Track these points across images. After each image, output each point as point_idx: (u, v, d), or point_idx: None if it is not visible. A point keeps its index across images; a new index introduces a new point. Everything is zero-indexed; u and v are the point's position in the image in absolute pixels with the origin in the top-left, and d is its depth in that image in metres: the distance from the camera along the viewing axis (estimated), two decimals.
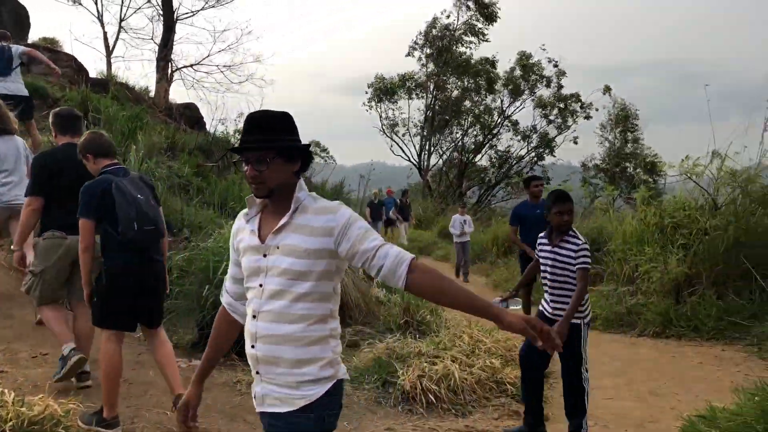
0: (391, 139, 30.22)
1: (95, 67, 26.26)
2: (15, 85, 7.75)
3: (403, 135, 30.08)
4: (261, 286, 2.14)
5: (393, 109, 30.10)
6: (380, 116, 30.08)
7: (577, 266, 4.18)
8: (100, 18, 19.44)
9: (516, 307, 4.35)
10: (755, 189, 8.10)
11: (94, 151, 4.06)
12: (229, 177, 14.10)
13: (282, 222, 2.13)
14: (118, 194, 3.79)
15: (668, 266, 8.14)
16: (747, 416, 3.79)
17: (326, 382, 2.14)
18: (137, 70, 53.55)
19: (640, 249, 8.90)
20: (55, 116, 4.71)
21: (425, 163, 30.39)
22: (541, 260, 4.44)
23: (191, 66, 19.32)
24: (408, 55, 28.73)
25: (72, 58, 15.83)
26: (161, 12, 18.74)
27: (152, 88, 18.71)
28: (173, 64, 18.89)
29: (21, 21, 16.80)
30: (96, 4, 19.19)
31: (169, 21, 18.45)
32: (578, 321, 4.19)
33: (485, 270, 14.41)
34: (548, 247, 4.38)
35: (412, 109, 30.24)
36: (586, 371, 4.29)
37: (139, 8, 19.34)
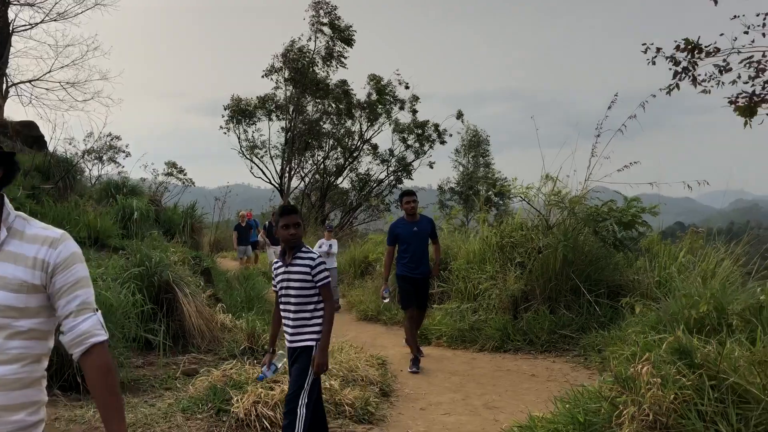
0: (251, 161, 29.77)
1: None
2: None
3: (262, 157, 29.73)
4: None
5: (251, 131, 29.72)
6: (238, 138, 29.57)
7: (318, 283, 3.95)
8: None
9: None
10: (581, 210, 8.75)
11: None
12: (71, 200, 13.28)
13: None
14: None
15: (507, 283, 8.59)
16: (559, 423, 4.05)
17: (37, 427, 1.86)
18: None
19: (482, 267, 9.34)
20: None
21: (286, 186, 30.19)
22: (277, 283, 4.10)
23: (29, 81, 18.03)
24: (264, 76, 28.52)
25: None
26: None
27: None
28: (8, 79, 17.52)
29: None
30: None
31: (4, 33, 17.14)
32: (312, 342, 3.94)
33: (342, 291, 14.51)
34: (282, 268, 4.06)
35: (272, 131, 30.03)
36: (307, 397, 3.84)
37: None
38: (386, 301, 7.93)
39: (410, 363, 7.16)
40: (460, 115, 28.42)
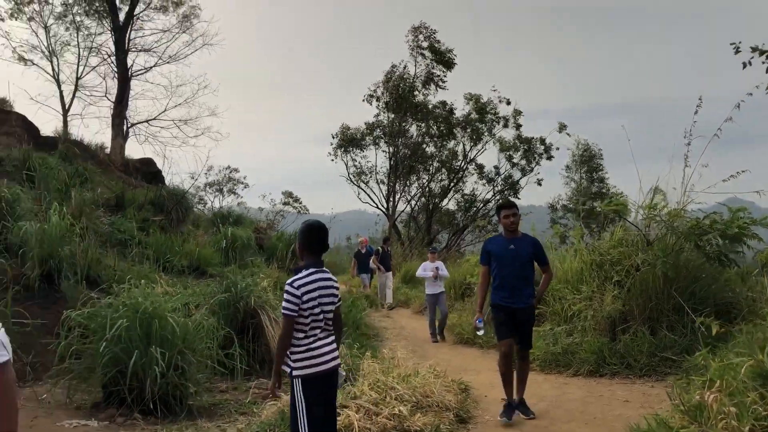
0: (358, 186, 30.30)
1: (53, 126, 26.22)
2: None
3: (368, 182, 30.17)
4: None
5: (359, 158, 30.28)
6: (346, 165, 30.21)
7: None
8: (56, 77, 19.50)
9: None
10: (681, 224, 8.13)
11: None
12: (184, 230, 14.03)
13: None
14: None
15: (604, 303, 8.11)
16: None
17: None
18: (95, 127, 53.76)
19: (577, 287, 8.88)
20: None
21: (393, 209, 30.43)
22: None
23: (146, 121, 19.37)
24: (365, 101, 29.05)
25: (22, 118, 15.79)
26: (116, 69, 18.84)
27: (108, 144, 18.69)
28: (128, 121, 18.91)
29: None
30: (51, 63, 19.28)
31: (124, 78, 18.55)
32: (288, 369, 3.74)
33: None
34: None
35: (378, 156, 30.46)
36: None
37: (95, 67, 19.45)
38: (480, 333, 6.76)
39: (501, 410, 5.97)
40: (562, 128, 27.48)
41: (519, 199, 29.35)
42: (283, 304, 3.68)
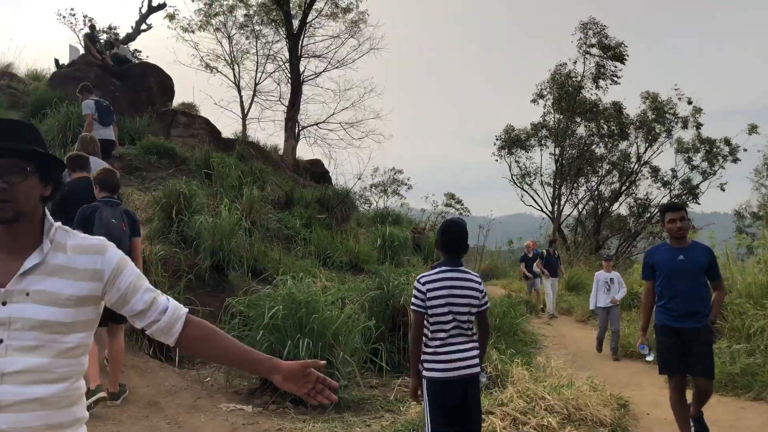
0: (522, 188, 29.64)
1: (233, 129, 28.36)
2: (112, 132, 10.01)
3: (531, 184, 29.40)
4: (1, 342, 1.66)
5: (523, 159, 29.61)
6: (509, 166, 29.69)
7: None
8: (236, 83, 21.07)
9: None
10: None
11: (100, 184, 5.25)
12: (347, 228, 14.50)
13: (34, 262, 1.71)
14: (97, 217, 4.96)
15: None
16: None
17: None
18: (270, 130, 57.25)
19: (761, 303, 7.95)
20: (68, 159, 6.01)
21: (558, 213, 29.39)
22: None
23: (316, 124, 20.31)
24: (533, 101, 28.29)
25: (206, 121, 17.20)
26: (289, 75, 19.96)
27: (281, 146, 19.83)
28: (299, 124, 19.94)
29: (167, 89, 18.58)
30: (233, 70, 20.87)
31: (296, 83, 19.59)
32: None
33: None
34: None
35: (544, 158, 29.59)
36: None
37: (271, 73, 20.78)
38: (649, 359, 5.89)
39: None
40: (753, 129, 24.92)
41: (699, 204, 27.16)
42: (412, 299, 3.67)
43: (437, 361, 3.56)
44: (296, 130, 19.89)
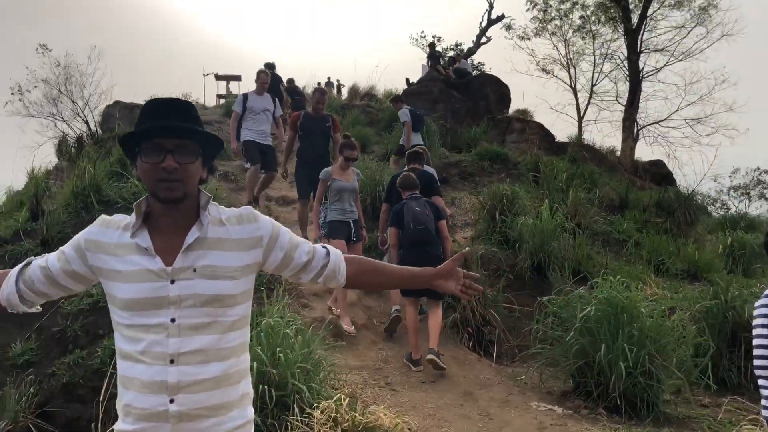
0: None
1: (567, 132, 27.81)
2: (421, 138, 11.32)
3: None
4: (174, 321, 1.68)
5: None
6: None
7: None
8: (572, 86, 20.82)
9: None
10: None
11: (402, 186, 6.39)
12: (691, 233, 13.30)
13: (195, 236, 1.74)
14: (406, 208, 6.10)
15: None
16: None
17: (251, 423, 1.85)
18: (607, 131, 54.50)
19: None
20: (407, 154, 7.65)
21: None
22: None
23: (657, 123, 18.95)
24: None
25: (539, 126, 17.35)
26: (627, 73, 19.01)
27: (618, 147, 18.99)
28: (638, 123, 18.82)
29: (503, 98, 19.23)
30: (569, 73, 20.67)
31: (635, 81, 18.56)
32: None
33: None
34: None
35: None
36: None
37: (609, 73, 20.03)
38: None
39: None
40: None
41: None
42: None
43: None
44: (635, 130, 18.84)
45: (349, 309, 6.74)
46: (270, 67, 16.24)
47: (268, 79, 8.99)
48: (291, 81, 16.95)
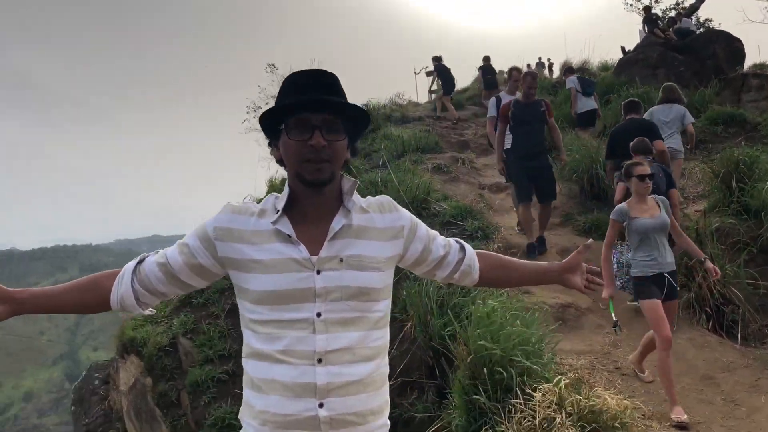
0: None
1: None
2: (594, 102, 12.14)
3: None
4: (320, 315, 1.53)
5: None
6: None
7: None
8: None
9: None
10: None
11: (635, 150, 5.81)
12: None
13: (341, 223, 1.59)
14: None
15: None
16: None
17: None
18: None
19: None
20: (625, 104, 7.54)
21: None
22: None
23: None
24: None
25: None
26: None
27: None
28: None
29: (735, 53, 17.20)
30: None
31: None
32: None
33: None
34: None
35: None
36: None
37: None
38: None
39: None
40: None
41: None
42: None
43: None
44: None
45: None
46: (437, 59, 16.35)
47: (521, 76, 8.00)
48: (486, 59, 16.85)
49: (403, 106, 17.26)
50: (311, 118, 1.53)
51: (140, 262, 1.70)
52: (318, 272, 1.54)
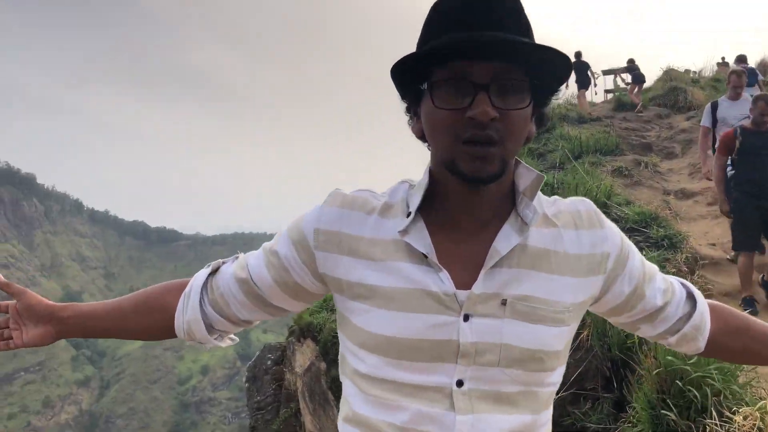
0: None
1: None
2: None
3: None
4: (461, 385, 0.98)
5: None
6: None
7: None
8: None
9: None
10: None
11: None
12: None
13: (512, 242, 1.00)
14: None
15: None
16: None
17: None
18: None
19: None
20: None
21: None
22: None
23: None
24: None
25: None
26: None
27: None
28: None
29: None
30: None
31: None
32: None
33: None
34: None
35: None
36: None
37: None
38: None
39: None
40: None
41: None
42: None
43: None
44: None
45: None
46: (577, 55, 15.57)
47: (743, 81, 6.98)
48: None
49: (579, 106, 16.73)
50: (473, 72, 0.92)
51: (214, 272, 1.19)
52: (466, 318, 0.98)
